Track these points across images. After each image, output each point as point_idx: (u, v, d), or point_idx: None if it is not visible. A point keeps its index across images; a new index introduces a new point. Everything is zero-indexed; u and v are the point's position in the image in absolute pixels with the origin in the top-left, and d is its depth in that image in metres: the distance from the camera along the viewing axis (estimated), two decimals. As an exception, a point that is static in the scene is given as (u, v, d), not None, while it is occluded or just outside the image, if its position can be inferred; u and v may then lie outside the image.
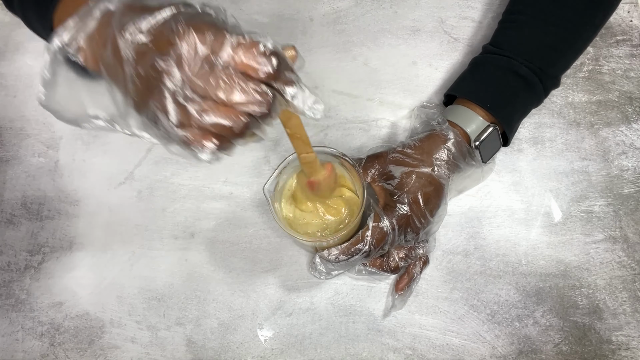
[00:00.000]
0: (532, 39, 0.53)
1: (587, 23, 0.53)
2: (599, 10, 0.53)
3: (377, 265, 0.51)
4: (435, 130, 0.51)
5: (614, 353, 0.53)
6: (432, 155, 0.50)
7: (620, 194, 0.58)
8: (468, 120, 0.51)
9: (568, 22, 0.52)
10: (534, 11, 0.53)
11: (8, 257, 0.59)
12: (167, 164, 0.61)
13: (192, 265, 0.58)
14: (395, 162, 0.51)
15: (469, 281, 0.56)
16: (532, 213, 0.58)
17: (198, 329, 0.56)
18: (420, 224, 0.49)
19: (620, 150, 0.59)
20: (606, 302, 0.55)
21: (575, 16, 0.52)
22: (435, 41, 0.65)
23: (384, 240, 0.48)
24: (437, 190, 0.50)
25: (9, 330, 0.56)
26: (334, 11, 0.66)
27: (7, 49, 0.66)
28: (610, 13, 0.55)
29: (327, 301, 0.56)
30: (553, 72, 0.53)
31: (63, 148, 0.62)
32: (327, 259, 0.48)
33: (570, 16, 0.52)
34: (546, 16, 0.52)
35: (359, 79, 0.63)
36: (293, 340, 0.55)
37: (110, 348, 0.55)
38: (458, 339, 0.54)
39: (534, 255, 0.56)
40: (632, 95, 0.61)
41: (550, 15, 0.52)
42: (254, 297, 0.56)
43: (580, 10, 0.52)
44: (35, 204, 0.60)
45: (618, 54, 0.63)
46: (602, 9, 0.53)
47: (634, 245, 0.56)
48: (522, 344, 0.54)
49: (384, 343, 0.54)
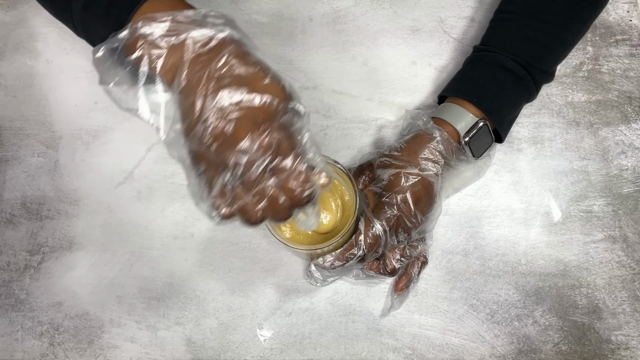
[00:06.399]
0: (518, 34, 0.53)
1: (574, 17, 0.53)
2: (585, 7, 0.53)
3: (374, 268, 0.51)
4: (421, 130, 0.52)
5: (614, 352, 0.53)
6: (418, 155, 0.50)
7: (619, 193, 0.58)
8: (457, 117, 0.51)
9: (555, 17, 0.52)
10: (521, 8, 0.54)
11: (8, 257, 0.59)
12: (167, 164, 0.61)
13: (191, 265, 0.58)
14: (383, 165, 0.51)
15: (468, 281, 0.56)
16: (532, 213, 0.58)
17: (197, 328, 0.56)
18: (411, 223, 0.49)
19: (620, 149, 0.59)
20: (605, 302, 0.55)
21: (562, 12, 0.52)
22: (435, 41, 0.65)
23: (377, 243, 0.48)
24: (426, 189, 0.50)
25: (9, 330, 0.57)
26: (334, 11, 0.66)
27: (7, 49, 0.66)
28: (598, 9, 0.55)
29: (327, 301, 0.56)
30: (542, 66, 0.53)
31: (63, 148, 0.62)
32: (323, 266, 0.48)
33: (557, 12, 0.52)
34: (532, 12, 0.53)
35: (358, 78, 0.64)
36: (292, 340, 0.55)
37: (110, 348, 0.56)
38: (457, 338, 0.54)
39: (534, 255, 0.56)
40: (632, 94, 0.61)
41: (537, 12, 0.52)
42: (253, 296, 0.56)
43: (566, 6, 0.52)
44: (35, 204, 0.60)
45: (617, 54, 0.63)
46: (589, 6, 0.54)
47: (634, 244, 0.56)
48: (522, 343, 0.54)
49: (384, 343, 0.54)
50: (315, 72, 0.64)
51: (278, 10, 0.66)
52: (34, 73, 0.65)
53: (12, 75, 0.65)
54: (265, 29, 0.66)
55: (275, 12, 0.66)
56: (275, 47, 0.65)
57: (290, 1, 0.67)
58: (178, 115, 0.36)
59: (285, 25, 0.66)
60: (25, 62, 0.65)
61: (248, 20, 0.66)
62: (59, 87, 0.64)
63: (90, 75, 0.64)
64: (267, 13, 0.66)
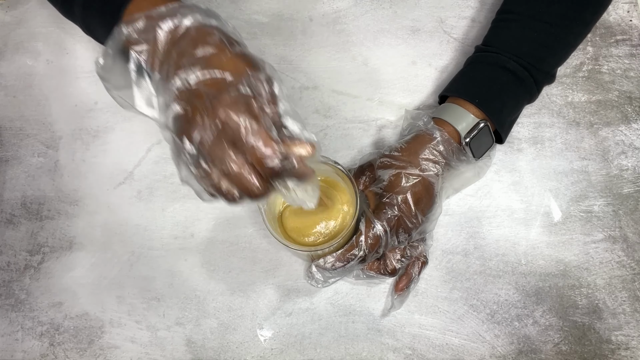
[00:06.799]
0: (520, 35, 0.53)
1: (577, 19, 0.53)
2: (588, 8, 0.53)
3: (375, 268, 0.51)
4: (422, 131, 0.52)
5: (614, 353, 0.53)
6: (418, 155, 0.50)
7: (619, 193, 0.58)
8: (458, 118, 0.51)
9: (557, 18, 0.52)
10: (523, 9, 0.53)
11: (8, 257, 0.59)
12: (167, 164, 0.61)
13: (191, 265, 0.58)
14: (383, 166, 0.51)
15: (468, 281, 0.56)
16: (532, 213, 0.58)
17: (198, 328, 0.56)
18: (412, 224, 0.49)
19: (620, 150, 0.59)
20: (606, 302, 0.55)
21: (564, 13, 0.52)
22: (435, 41, 0.65)
23: (378, 244, 0.48)
24: (426, 189, 0.50)
25: (9, 330, 0.57)
26: (334, 11, 0.66)
27: (7, 49, 0.66)
28: (601, 11, 0.55)
29: (327, 301, 0.56)
30: (544, 67, 0.53)
31: (63, 148, 0.62)
32: (324, 267, 0.48)
33: (559, 13, 0.52)
34: (535, 13, 0.53)
35: (358, 78, 0.64)
36: (293, 340, 0.55)
37: (110, 348, 0.56)
38: (457, 338, 0.54)
39: (534, 255, 0.56)
40: (632, 95, 0.61)
41: (539, 13, 0.52)
42: (253, 297, 0.56)
43: (569, 7, 0.52)
44: (35, 204, 0.60)
45: (618, 54, 0.63)
46: (592, 8, 0.54)
47: (634, 245, 0.56)
48: (522, 343, 0.54)
49: (384, 343, 0.54)
50: (315, 72, 0.64)
51: (278, 10, 0.66)
52: (34, 73, 0.65)
53: (12, 75, 0.65)
54: (265, 29, 0.66)
55: (275, 12, 0.66)
56: (275, 47, 0.65)
57: (290, 1, 0.67)
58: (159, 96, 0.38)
59: (285, 25, 0.66)
60: (25, 62, 0.65)
61: (248, 20, 0.66)
62: (59, 87, 0.64)
63: (90, 76, 0.64)
64: (267, 13, 0.66)
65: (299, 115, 0.37)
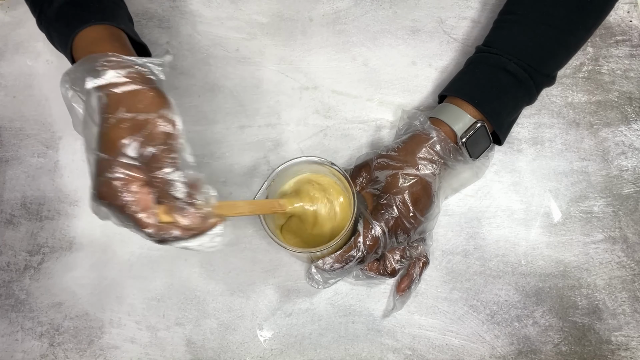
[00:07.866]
0: (521, 37, 0.53)
1: (579, 23, 0.53)
2: (591, 13, 0.53)
3: (374, 269, 0.51)
4: (418, 131, 0.52)
5: (614, 353, 0.53)
6: (415, 155, 0.50)
7: (619, 194, 0.58)
8: (456, 118, 0.51)
9: (560, 22, 0.52)
10: (525, 11, 0.53)
11: (8, 258, 0.59)
12: (167, 164, 0.61)
13: (191, 266, 0.58)
14: (380, 167, 0.51)
15: (468, 281, 0.56)
16: (532, 213, 0.58)
17: (197, 329, 0.56)
18: (410, 224, 0.49)
19: (620, 150, 0.59)
20: (605, 303, 0.55)
21: (567, 17, 0.52)
22: (435, 41, 0.65)
23: (377, 245, 0.48)
24: (424, 189, 0.50)
25: (9, 331, 0.56)
26: (334, 11, 0.66)
27: (7, 49, 0.66)
28: (603, 16, 0.55)
29: (327, 301, 0.56)
30: (544, 70, 0.53)
31: (63, 148, 0.62)
32: (323, 268, 0.48)
33: (562, 17, 0.52)
34: (538, 16, 0.52)
35: (358, 79, 0.63)
36: (292, 341, 0.55)
37: (110, 348, 0.56)
38: (457, 339, 0.54)
39: (534, 256, 0.56)
40: (632, 95, 0.61)
41: (542, 15, 0.52)
42: (253, 297, 0.56)
43: (571, 11, 0.52)
44: (35, 204, 0.60)
45: (618, 54, 0.63)
46: (594, 12, 0.53)
47: (634, 245, 0.56)
48: (522, 344, 0.54)
49: (384, 343, 0.54)
50: (315, 72, 0.64)
51: (278, 11, 0.66)
52: (34, 73, 0.65)
53: (12, 75, 0.65)
54: (265, 29, 0.66)
55: (275, 13, 0.66)
56: (275, 48, 0.65)
57: (290, 1, 0.67)
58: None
59: (285, 26, 0.66)
60: (25, 62, 0.65)
61: (248, 21, 0.66)
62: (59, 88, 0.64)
63: (90, 76, 0.64)
64: (267, 13, 0.66)
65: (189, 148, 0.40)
